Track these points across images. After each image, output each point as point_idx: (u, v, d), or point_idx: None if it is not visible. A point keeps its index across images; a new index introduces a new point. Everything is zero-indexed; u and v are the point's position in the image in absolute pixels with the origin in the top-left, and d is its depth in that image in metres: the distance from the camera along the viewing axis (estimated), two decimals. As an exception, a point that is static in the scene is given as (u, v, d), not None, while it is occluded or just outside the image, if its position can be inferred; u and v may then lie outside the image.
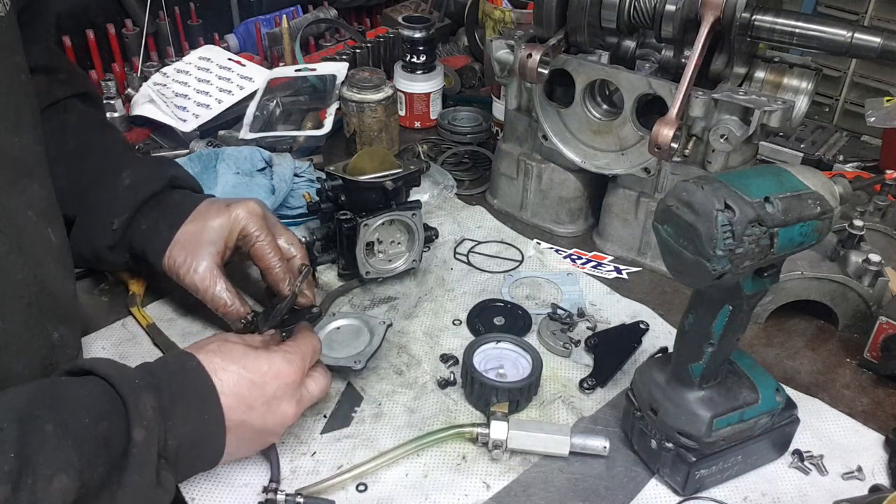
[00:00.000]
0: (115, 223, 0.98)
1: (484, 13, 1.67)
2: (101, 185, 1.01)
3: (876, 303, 1.07)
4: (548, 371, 1.01)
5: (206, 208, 1.01)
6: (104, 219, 0.99)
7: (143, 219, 1.00)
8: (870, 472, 0.91)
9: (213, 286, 0.98)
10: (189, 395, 0.76)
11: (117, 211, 0.99)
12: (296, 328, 0.94)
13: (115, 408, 0.69)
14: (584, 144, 1.24)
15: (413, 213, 1.14)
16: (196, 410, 0.76)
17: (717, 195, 0.71)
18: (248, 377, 0.80)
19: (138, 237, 1.00)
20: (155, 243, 0.99)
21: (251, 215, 1.00)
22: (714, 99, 1.07)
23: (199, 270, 0.98)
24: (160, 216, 1.00)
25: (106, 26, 1.60)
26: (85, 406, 0.68)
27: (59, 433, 0.64)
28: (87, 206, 1.00)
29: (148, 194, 1.00)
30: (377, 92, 1.43)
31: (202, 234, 0.98)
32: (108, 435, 0.68)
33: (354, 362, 0.98)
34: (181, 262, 0.98)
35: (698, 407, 0.83)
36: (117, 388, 0.70)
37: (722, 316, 0.79)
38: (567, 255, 1.28)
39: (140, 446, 0.69)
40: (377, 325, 1.04)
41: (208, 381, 0.78)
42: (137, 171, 1.02)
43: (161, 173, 1.03)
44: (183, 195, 1.04)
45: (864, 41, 1.01)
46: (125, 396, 0.70)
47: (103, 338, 1.06)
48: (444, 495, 0.86)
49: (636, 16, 1.15)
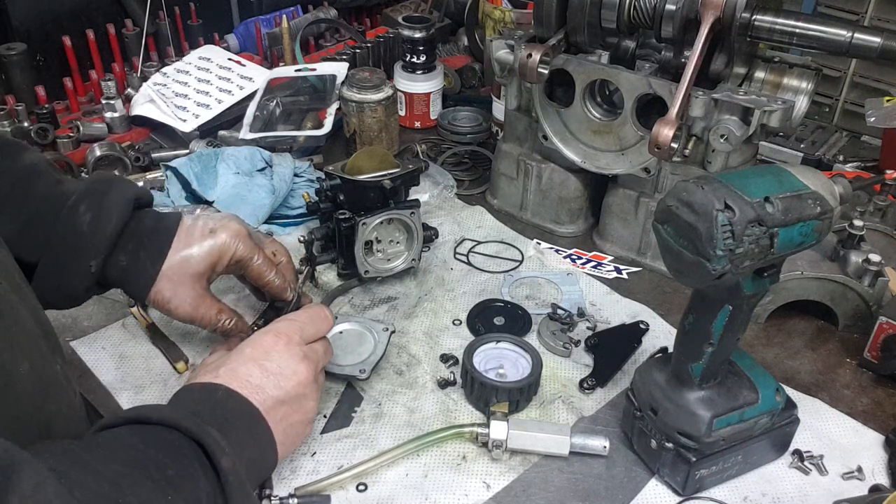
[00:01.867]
0: (93, 265, 0.89)
1: (484, 13, 1.67)
2: (58, 226, 0.88)
3: (876, 303, 1.07)
4: (548, 371, 1.01)
5: (187, 234, 0.94)
6: (77, 262, 0.89)
7: (121, 253, 0.91)
8: (870, 472, 0.91)
9: (211, 314, 0.95)
10: (237, 420, 0.77)
11: (91, 252, 0.89)
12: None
13: (191, 449, 0.69)
14: (584, 144, 1.24)
15: (411, 212, 1.14)
16: (248, 433, 0.77)
17: (717, 195, 0.70)
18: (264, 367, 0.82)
19: (116, 273, 0.91)
20: (139, 279, 0.92)
21: (238, 239, 0.96)
22: (714, 99, 1.07)
23: (191, 301, 0.94)
24: (139, 248, 0.92)
25: (106, 26, 1.61)
26: (166, 454, 0.67)
27: (160, 488, 0.64)
28: (52, 250, 0.88)
29: (119, 226, 0.90)
30: (377, 92, 1.43)
31: (188, 264, 0.93)
32: (196, 475, 0.67)
33: (360, 371, 0.98)
34: (170, 296, 0.93)
35: (698, 407, 0.83)
36: (185, 430, 0.70)
37: (722, 316, 0.79)
38: (567, 255, 1.28)
39: (232, 472, 0.69)
40: (380, 330, 1.04)
41: (244, 400, 0.79)
42: (92, 202, 0.90)
43: (120, 197, 0.91)
44: (153, 219, 0.95)
45: (864, 41, 1.01)
46: (198, 435, 0.69)
47: (103, 338, 1.07)
48: (444, 495, 0.86)
49: (636, 16, 1.15)
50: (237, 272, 1.00)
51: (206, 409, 0.76)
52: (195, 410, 0.75)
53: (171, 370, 1.02)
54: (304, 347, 0.87)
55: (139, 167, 1.42)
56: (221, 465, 0.69)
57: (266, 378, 0.81)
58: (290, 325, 0.88)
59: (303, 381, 0.84)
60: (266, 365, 0.82)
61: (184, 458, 0.68)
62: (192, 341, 1.07)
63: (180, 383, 0.99)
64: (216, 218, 0.97)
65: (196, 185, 1.27)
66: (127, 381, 1.00)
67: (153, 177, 1.36)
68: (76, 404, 0.77)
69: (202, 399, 0.78)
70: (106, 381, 1.00)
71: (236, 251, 0.96)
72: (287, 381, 0.83)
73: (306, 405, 0.85)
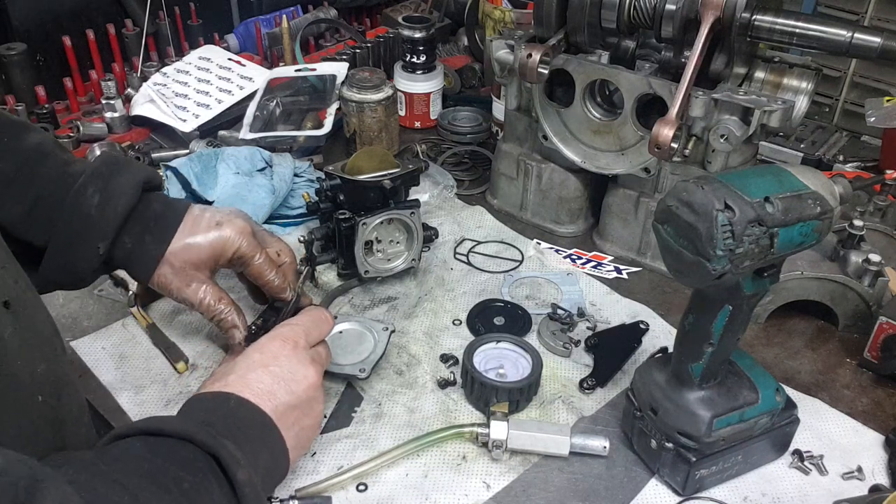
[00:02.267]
0: (101, 247, 0.90)
1: (484, 13, 1.67)
2: (66, 208, 0.89)
3: (876, 303, 1.07)
4: (548, 371, 1.01)
5: (193, 223, 0.96)
6: (85, 244, 0.90)
7: (126, 235, 0.92)
8: (870, 472, 0.91)
9: (212, 300, 0.96)
10: (250, 429, 0.77)
11: (98, 235, 0.90)
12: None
13: (206, 461, 0.69)
14: (584, 144, 1.24)
15: (411, 212, 1.14)
16: (261, 443, 0.77)
17: (717, 195, 0.70)
18: (275, 374, 0.82)
19: (122, 254, 0.93)
20: (143, 260, 0.94)
21: (242, 235, 0.97)
22: (714, 99, 1.07)
23: (194, 286, 0.95)
24: (144, 231, 0.93)
25: (106, 26, 1.61)
26: (180, 467, 0.67)
27: (176, 502, 0.63)
28: (59, 232, 0.89)
29: (126, 210, 0.91)
30: (377, 92, 1.43)
31: (191, 251, 0.94)
32: (211, 488, 0.67)
33: (360, 371, 0.98)
34: (171, 278, 0.94)
35: (698, 407, 0.83)
36: (200, 443, 0.69)
37: (722, 316, 0.79)
38: (567, 255, 1.28)
39: (248, 484, 0.69)
40: (380, 330, 1.04)
41: (256, 409, 0.78)
42: (102, 183, 0.90)
43: (129, 180, 0.92)
44: (162, 204, 0.96)
45: (864, 41, 1.01)
46: (213, 448, 0.69)
47: (103, 338, 1.07)
48: (444, 495, 0.87)
49: (636, 16, 1.15)
50: (238, 269, 1.01)
51: (219, 420, 0.75)
52: (208, 420, 0.74)
53: (171, 370, 1.02)
54: (311, 351, 0.87)
55: (139, 167, 1.42)
56: (237, 478, 0.68)
57: (277, 383, 0.81)
58: (294, 329, 0.88)
59: (312, 384, 0.84)
60: (275, 370, 0.82)
61: (198, 472, 0.67)
62: (192, 341, 1.06)
63: (180, 383, 1.00)
64: (224, 212, 0.99)
65: (196, 185, 1.27)
66: (127, 381, 1.00)
67: (153, 177, 1.36)
68: (85, 405, 0.77)
69: (213, 409, 0.77)
70: (106, 381, 1.00)
71: (239, 247, 0.96)
72: (298, 385, 0.82)
73: (316, 408, 0.85)
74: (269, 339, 0.86)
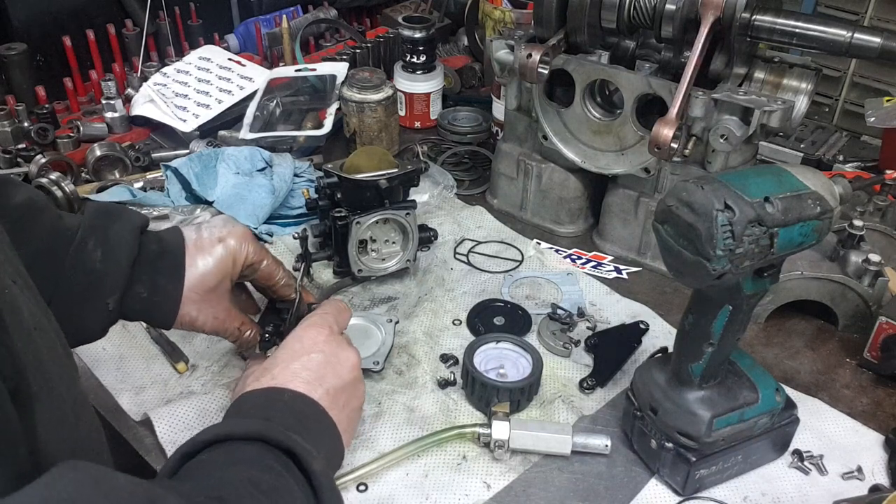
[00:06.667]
0: (111, 303, 0.87)
1: (484, 13, 1.67)
2: (68, 264, 0.85)
3: (876, 303, 1.07)
4: (548, 371, 1.01)
5: (195, 249, 0.92)
6: (93, 300, 0.86)
7: (136, 285, 0.89)
8: (870, 472, 0.91)
9: (235, 326, 0.95)
10: (308, 420, 0.77)
11: (106, 290, 0.86)
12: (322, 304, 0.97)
13: (276, 458, 0.69)
14: (584, 144, 1.24)
15: (407, 213, 1.14)
16: (320, 432, 0.78)
17: (717, 195, 0.71)
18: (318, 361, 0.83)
19: (138, 306, 0.89)
20: (162, 307, 0.90)
21: (246, 242, 0.95)
22: (714, 99, 1.07)
23: (216, 315, 0.93)
24: (154, 274, 0.90)
25: (106, 26, 1.61)
26: (256, 468, 0.66)
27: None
28: (63, 289, 0.85)
29: (130, 260, 0.87)
30: (377, 92, 1.43)
31: (205, 280, 0.91)
32: (290, 485, 0.67)
33: (374, 363, 0.99)
34: (196, 315, 0.92)
35: (698, 407, 0.83)
36: (273, 441, 0.69)
37: (722, 316, 0.79)
38: (567, 255, 1.28)
39: (323, 475, 0.69)
40: (384, 322, 1.05)
41: (309, 399, 0.79)
42: (101, 235, 0.87)
43: (126, 227, 0.89)
44: (155, 241, 0.92)
45: (864, 41, 1.01)
46: (287, 444, 0.69)
47: (103, 338, 1.06)
48: (444, 495, 0.87)
49: (636, 16, 1.15)
50: (247, 278, 0.98)
51: (278, 415, 0.75)
52: (268, 417, 0.74)
53: (171, 371, 1.02)
54: (344, 335, 0.89)
55: (139, 167, 1.42)
56: (313, 469, 0.68)
57: (324, 368, 0.82)
58: (324, 317, 0.89)
59: (355, 363, 0.85)
60: (319, 357, 0.83)
61: (271, 469, 0.67)
62: (192, 342, 1.06)
63: (181, 384, 1.00)
64: (219, 226, 0.95)
65: (196, 185, 1.27)
66: (127, 382, 1.00)
67: (153, 177, 1.36)
68: (98, 426, 0.74)
69: (268, 405, 0.77)
70: (106, 382, 1.00)
71: (248, 254, 0.95)
72: (342, 367, 0.84)
73: (360, 388, 0.87)
74: (303, 329, 0.87)
